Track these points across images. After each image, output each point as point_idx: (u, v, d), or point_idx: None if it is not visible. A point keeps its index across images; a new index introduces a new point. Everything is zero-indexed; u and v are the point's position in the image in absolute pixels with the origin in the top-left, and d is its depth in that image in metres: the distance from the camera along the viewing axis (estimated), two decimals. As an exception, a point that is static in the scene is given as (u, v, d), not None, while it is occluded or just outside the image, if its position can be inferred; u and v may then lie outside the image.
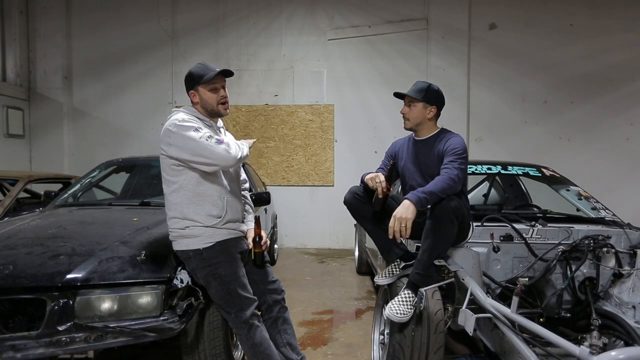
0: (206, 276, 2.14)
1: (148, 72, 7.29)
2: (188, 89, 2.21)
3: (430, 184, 2.24)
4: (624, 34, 6.71)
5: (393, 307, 2.19)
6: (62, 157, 7.31)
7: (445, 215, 2.19)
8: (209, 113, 2.22)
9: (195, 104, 2.22)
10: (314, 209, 7.16)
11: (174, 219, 2.15)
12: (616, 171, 6.73)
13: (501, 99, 6.94)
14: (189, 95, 2.22)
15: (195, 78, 2.16)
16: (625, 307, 2.37)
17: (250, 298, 2.18)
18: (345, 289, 4.70)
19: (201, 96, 2.18)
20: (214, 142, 2.03)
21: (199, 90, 2.17)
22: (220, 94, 2.19)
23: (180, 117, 2.10)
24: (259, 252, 2.29)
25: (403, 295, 2.22)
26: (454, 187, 2.26)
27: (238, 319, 2.13)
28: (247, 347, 2.18)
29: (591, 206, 3.15)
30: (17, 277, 2.01)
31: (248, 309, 2.15)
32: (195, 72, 2.17)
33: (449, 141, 2.43)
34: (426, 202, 2.17)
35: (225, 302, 2.14)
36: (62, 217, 2.95)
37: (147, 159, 4.08)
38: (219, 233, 2.15)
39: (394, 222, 2.13)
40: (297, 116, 7.16)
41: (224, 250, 2.14)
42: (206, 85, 2.15)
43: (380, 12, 7.03)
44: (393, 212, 2.16)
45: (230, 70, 2.19)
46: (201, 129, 2.07)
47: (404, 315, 2.17)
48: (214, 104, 2.18)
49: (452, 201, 2.21)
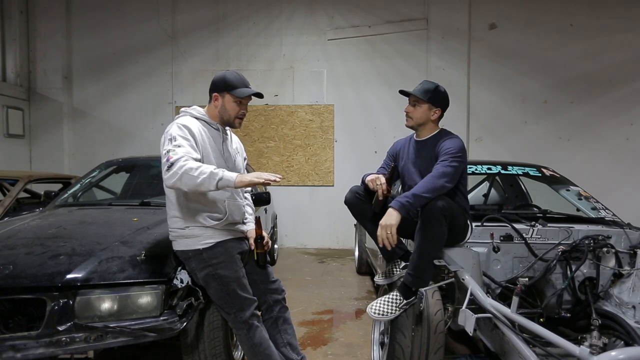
0: (206, 276, 2.14)
1: (148, 72, 7.28)
2: (214, 90, 2.20)
3: (414, 187, 2.22)
4: (624, 34, 6.70)
5: (375, 305, 2.20)
6: (62, 157, 7.31)
7: (432, 216, 2.17)
8: (223, 121, 2.24)
9: (214, 107, 2.21)
10: (314, 209, 7.16)
11: (175, 218, 2.15)
12: (616, 171, 6.73)
13: (501, 99, 6.94)
14: (211, 96, 2.21)
15: (229, 85, 2.17)
16: (625, 307, 2.36)
17: (249, 298, 2.18)
18: (345, 289, 4.70)
19: (224, 104, 2.19)
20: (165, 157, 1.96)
21: (225, 97, 2.18)
22: (242, 109, 2.21)
23: (178, 122, 2.09)
24: (261, 252, 2.29)
25: (390, 296, 2.22)
26: (442, 185, 2.21)
27: (238, 319, 2.14)
28: (246, 347, 2.18)
29: (591, 206, 3.15)
30: (17, 277, 2.01)
31: (248, 310, 2.15)
32: (231, 79, 2.18)
33: (444, 142, 2.41)
34: (410, 205, 2.15)
35: (225, 303, 2.14)
36: (62, 217, 2.95)
37: (147, 159, 4.08)
38: (219, 233, 2.16)
39: (380, 230, 2.15)
40: (297, 116, 7.16)
41: (224, 251, 2.14)
42: (234, 97, 2.17)
43: (380, 12, 7.03)
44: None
45: (262, 95, 2.25)
46: (175, 139, 1.99)
47: (383, 316, 2.17)
48: (232, 115, 2.21)
49: (440, 201, 2.19)
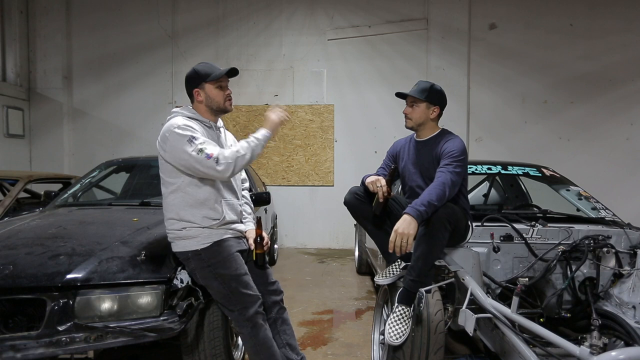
0: (206, 276, 2.13)
1: (148, 72, 7.28)
2: (192, 87, 2.19)
3: (425, 193, 2.21)
4: (623, 34, 6.70)
5: (390, 331, 2.16)
6: (62, 157, 7.31)
7: (439, 222, 2.17)
8: (214, 111, 2.22)
9: (199, 103, 2.20)
10: (314, 209, 7.15)
11: (171, 220, 2.15)
12: (616, 171, 6.73)
13: (501, 99, 6.94)
14: (193, 94, 2.19)
15: (202, 75, 2.15)
16: (626, 307, 2.36)
17: (253, 295, 2.15)
18: (345, 289, 4.70)
19: (207, 94, 2.17)
20: (204, 156, 1.99)
21: (205, 88, 2.17)
22: (226, 91, 2.21)
23: (178, 123, 2.07)
24: (261, 252, 2.28)
25: (397, 314, 2.19)
26: (449, 192, 2.23)
27: (241, 316, 2.11)
28: (249, 346, 2.16)
29: (591, 206, 3.15)
30: (17, 277, 2.00)
31: (252, 307, 2.12)
32: (202, 70, 2.17)
33: (446, 143, 2.41)
34: (426, 214, 2.15)
35: (228, 301, 2.13)
36: (62, 217, 2.95)
37: (147, 159, 4.08)
38: (216, 233, 2.15)
39: (395, 237, 2.12)
40: (297, 116, 7.15)
41: (223, 250, 2.13)
42: (213, 83, 2.16)
43: (380, 12, 7.03)
44: (393, 220, 2.14)
45: (237, 70, 2.21)
46: (195, 138, 2.03)
47: (403, 336, 2.14)
48: (220, 101, 2.19)
49: (446, 208, 2.20)
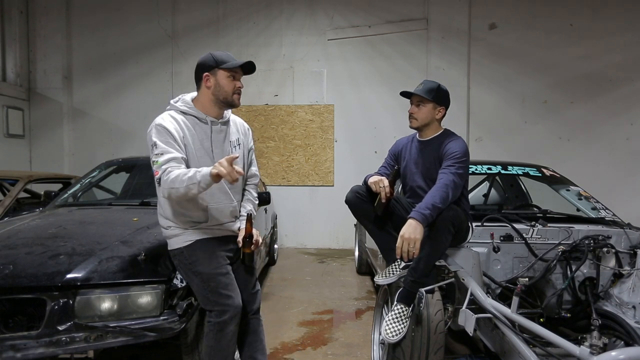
0: (187, 274, 2.09)
1: (148, 72, 7.28)
2: (203, 71, 2.06)
3: (429, 196, 2.21)
4: (624, 34, 6.70)
5: (387, 329, 2.18)
6: (62, 157, 7.31)
7: (443, 225, 2.18)
8: (220, 102, 2.09)
9: (206, 89, 2.08)
10: (314, 209, 7.15)
11: (160, 217, 2.15)
12: (616, 171, 6.73)
13: (501, 99, 6.94)
14: (202, 78, 2.07)
15: (218, 61, 2.04)
16: (626, 307, 2.36)
17: (232, 298, 2.04)
18: (345, 289, 4.70)
19: (218, 80, 2.05)
20: (155, 167, 2.04)
21: (217, 74, 2.05)
22: (237, 84, 2.09)
23: (157, 122, 2.09)
24: (249, 252, 2.16)
25: (395, 312, 2.20)
26: (452, 194, 2.23)
27: (216, 318, 2.03)
28: (207, 347, 2.07)
29: (591, 206, 3.15)
30: (17, 276, 2.01)
31: (228, 314, 2.02)
32: (219, 55, 2.06)
33: (449, 144, 2.41)
34: (431, 217, 2.15)
35: (206, 300, 2.05)
36: (62, 217, 2.95)
37: (147, 159, 4.00)
38: (200, 232, 2.09)
39: (402, 242, 2.11)
40: (297, 116, 7.15)
41: (205, 248, 2.07)
42: (227, 71, 2.05)
43: (380, 12, 7.03)
44: (394, 220, 2.14)
45: (254, 66, 2.09)
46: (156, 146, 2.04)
47: (400, 334, 2.15)
48: (229, 91, 2.07)
49: (450, 210, 2.20)
